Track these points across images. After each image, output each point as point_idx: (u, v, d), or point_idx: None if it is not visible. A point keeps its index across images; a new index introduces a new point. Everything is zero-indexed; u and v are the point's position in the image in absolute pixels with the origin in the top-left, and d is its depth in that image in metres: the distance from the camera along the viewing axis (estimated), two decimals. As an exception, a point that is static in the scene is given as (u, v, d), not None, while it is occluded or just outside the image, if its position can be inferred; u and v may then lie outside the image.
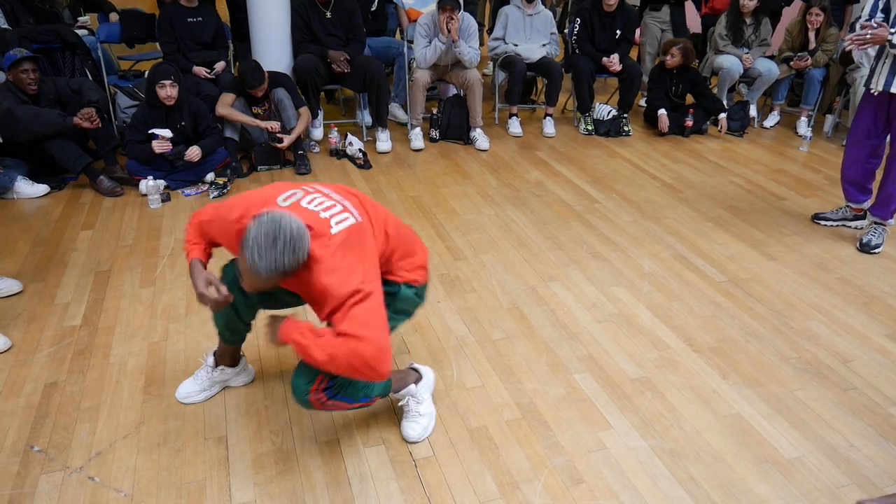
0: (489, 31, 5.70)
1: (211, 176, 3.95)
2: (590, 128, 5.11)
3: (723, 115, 5.04)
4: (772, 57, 5.31)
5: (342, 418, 2.15)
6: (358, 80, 4.54)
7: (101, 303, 2.77)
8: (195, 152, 3.83)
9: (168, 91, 3.68)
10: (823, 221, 3.67)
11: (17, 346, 2.48)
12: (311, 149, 4.60)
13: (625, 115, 5.10)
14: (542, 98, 5.66)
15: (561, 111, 5.63)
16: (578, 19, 5.04)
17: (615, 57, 4.96)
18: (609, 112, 5.11)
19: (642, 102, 5.65)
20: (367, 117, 4.91)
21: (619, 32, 5.03)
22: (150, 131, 3.76)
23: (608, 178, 4.25)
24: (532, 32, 4.97)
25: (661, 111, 5.02)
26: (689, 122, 5.03)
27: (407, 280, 1.94)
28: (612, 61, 4.96)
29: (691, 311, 2.81)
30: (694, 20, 5.89)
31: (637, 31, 5.51)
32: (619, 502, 1.88)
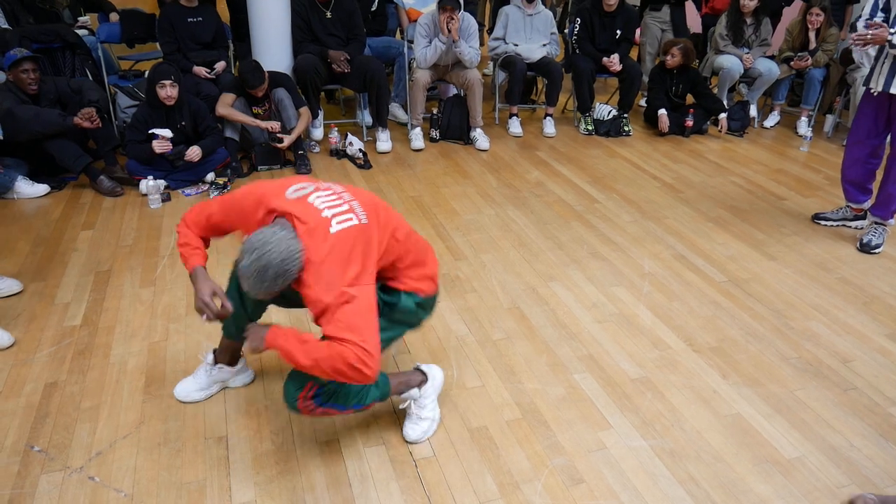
0: (489, 31, 5.70)
1: (211, 176, 3.95)
2: (590, 128, 5.11)
3: (723, 115, 5.04)
4: (772, 57, 5.31)
5: (342, 419, 2.15)
6: (358, 79, 4.54)
7: (102, 303, 2.77)
8: (195, 152, 3.83)
9: (168, 91, 3.69)
10: (824, 221, 3.67)
11: (18, 345, 2.48)
12: (312, 149, 4.60)
13: (625, 115, 5.10)
14: (542, 98, 5.66)
15: (561, 111, 5.63)
16: (578, 19, 5.04)
17: (615, 57, 4.96)
18: (609, 112, 5.11)
19: (642, 102, 5.65)
20: (367, 117, 4.91)
21: (619, 32, 5.03)
22: (150, 131, 3.76)
23: (608, 178, 4.25)
24: (532, 32, 4.97)
25: (662, 111, 5.02)
26: (690, 122, 5.03)
27: (411, 289, 1.91)
28: (613, 61, 4.95)
29: (691, 311, 2.81)
30: (694, 20, 5.89)
31: (637, 31, 5.51)
32: (620, 502, 1.88)
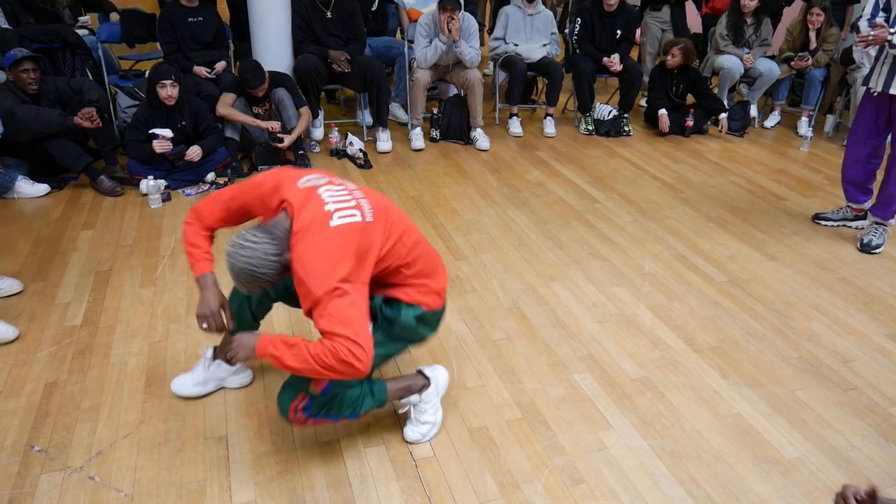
0: (490, 31, 5.70)
1: (211, 176, 3.95)
2: (590, 128, 5.11)
3: (723, 115, 5.04)
4: (772, 57, 5.31)
5: (342, 418, 2.16)
6: (358, 79, 4.54)
7: (102, 302, 2.77)
8: (196, 152, 3.83)
9: (169, 91, 3.69)
10: (824, 221, 3.67)
11: (18, 345, 2.48)
12: (312, 149, 4.60)
13: (625, 115, 5.10)
14: (542, 98, 5.65)
15: (561, 111, 5.63)
16: (579, 19, 5.04)
17: (616, 57, 4.95)
18: (610, 112, 5.10)
19: (643, 102, 5.65)
20: (367, 117, 4.91)
21: (619, 32, 5.03)
22: (150, 131, 3.76)
23: (609, 178, 4.25)
24: (532, 32, 4.97)
25: (662, 111, 5.02)
26: (690, 122, 5.03)
27: (414, 301, 1.87)
28: (613, 61, 4.95)
29: (692, 311, 2.81)
30: (694, 20, 5.88)
31: (637, 31, 5.51)
32: (620, 502, 1.88)
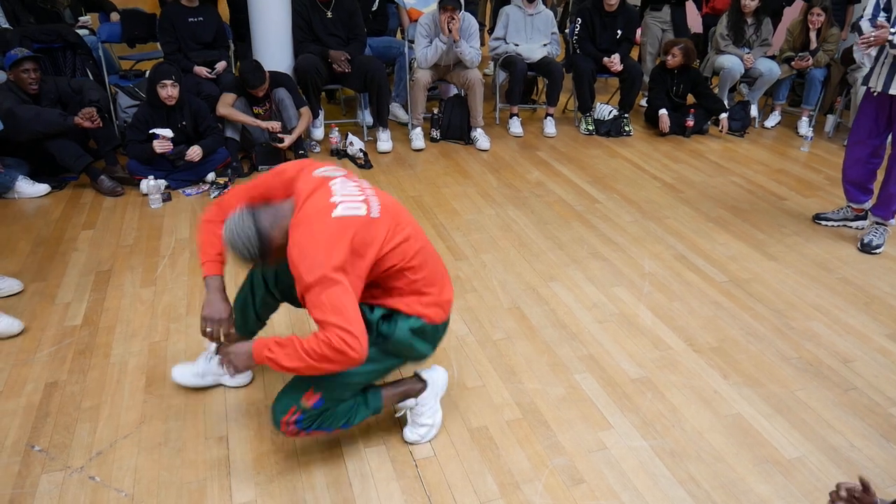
0: (490, 31, 5.70)
1: (212, 176, 3.95)
2: (591, 128, 5.11)
3: (724, 115, 5.03)
4: (773, 57, 5.31)
5: (343, 418, 2.16)
6: (359, 79, 4.54)
7: (102, 302, 2.77)
8: (196, 152, 3.83)
9: (169, 91, 3.69)
10: (824, 221, 3.66)
11: (19, 345, 2.48)
12: (312, 149, 4.60)
13: (626, 115, 5.09)
14: (542, 98, 5.65)
15: (562, 111, 5.63)
16: (579, 19, 5.04)
17: (616, 57, 4.95)
18: (610, 112, 5.10)
19: (643, 102, 5.65)
20: (367, 117, 4.91)
21: (619, 32, 5.03)
22: (150, 131, 3.76)
23: (609, 178, 4.25)
24: (533, 32, 4.97)
25: (662, 111, 5.01)
26: (690, 122, 5.03)
27: (416, 313, 1.83)
28: (613, 61, 4.95)
29: (692, 312, 2.81)
30: (695, 20, 5.88)
31: (638, 31, 5.51)
32: (620, 502, 1.88)
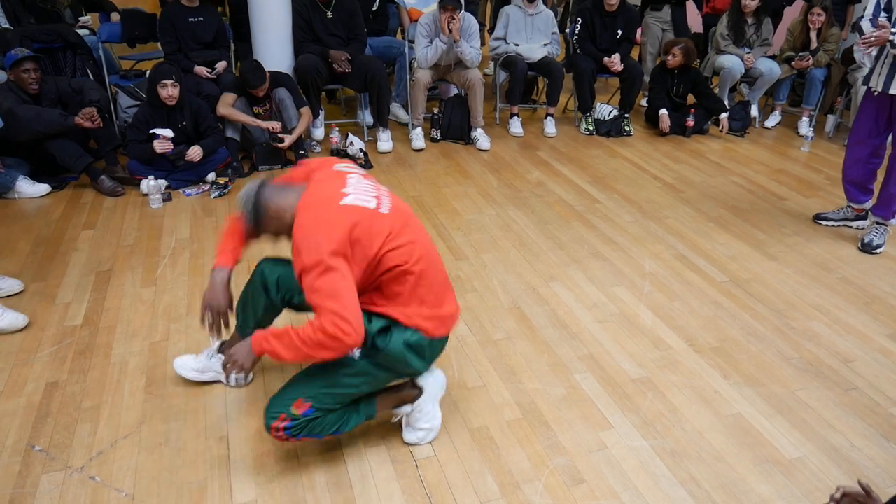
0: (490, 31, 5.70)
1: (212, 176, 3.95)
2: (591, 128, 5.11)
3: (724, 115, 5.03)
4: (773, 57, 5.31)
5: (343, 418, 2.15)
6: (359, 79, 4.54)
7: (103, 302, 2.77)
8: (196, 152, 3.83)
9: (169, 91, 3.69)
10: (825, 221, 3.66)
11: (19, 345, 2.48)
12: (313, 149, 4.60)
13: (626, 115, 5.09)
14: (543, 98, 5.65)
15: (562, 111, 5.63)
16: (580, 19, 5.04)
17: (616, 57, 4.95)
18: (610, 112, 5.10)
19: (643, 102, 5.65)
20: (368, 117, 4.91)
21: (620, 32, 5.03)
22: (151, 131, 3.76)
23: (609, 178, 4.25)
24: (533, 32, 4.97)
25: (663, 111, 5.01)
26: (691, 122, 5.03)
27: (414, 325, 1.81)
28: (614, 61, 4.95)
29: (692, 311, 2.81)
30: (695, 20, 5.88)
31: (638, 31, 5.50)
32: (621, 502, 1.88)
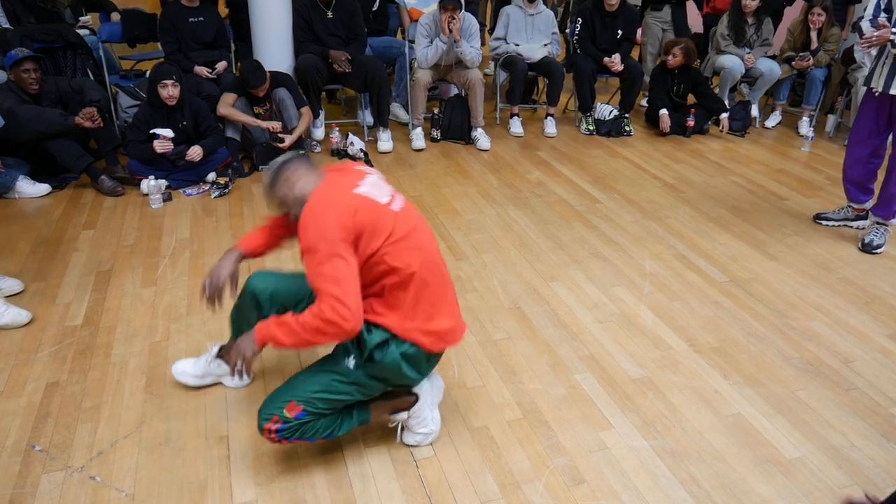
0: (490, 31, 5.69)
1: (212, 176, 3.95)
2: (591, 128, 5.11)
3: (724, 115, 5.03)
4: (773, 57, 5.31)
5: (343, 418, 2.15)
6: (359, 79, 4.54)
7: (103, 302, 2.77)
8: (196, 152, 3.83)
9: (169, 91, 3.69)
10: (825, 221, 3.66)
11: (19, 345, 2.48)
12: (313, 149, 4.60)
13: (626, 115, 5.09)
14: (543, 98, 5.65)
15: (562, 111, 5.63)
16: (580, 19, 5.04)
17: (616, 57, 4.95)
18: (610, 112, 5.10)
19: (644, 102, 5.65)
20: (368, 117, 4.91)
21: (620, 32, 5.03)
22: (151, 131, 3.76)
23: (609, 178, 4.25)
24: (533, 32, 4.97)
25: (663, 111, 5.01)
26: (691, 122, 5.03)
27: (411, 338, 1.79)
28: (614, 61, 4.95)
29: (693, 312, 2.81)
30: (695, 20, 5.88)
31: (638, 31, 5.50)
32: (621, 502, 1.88)
